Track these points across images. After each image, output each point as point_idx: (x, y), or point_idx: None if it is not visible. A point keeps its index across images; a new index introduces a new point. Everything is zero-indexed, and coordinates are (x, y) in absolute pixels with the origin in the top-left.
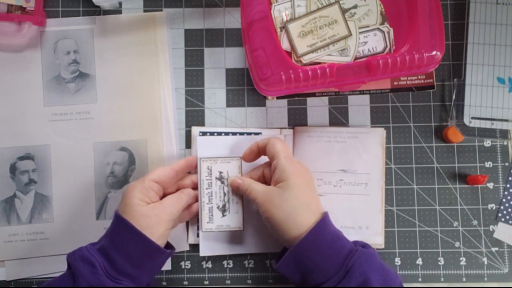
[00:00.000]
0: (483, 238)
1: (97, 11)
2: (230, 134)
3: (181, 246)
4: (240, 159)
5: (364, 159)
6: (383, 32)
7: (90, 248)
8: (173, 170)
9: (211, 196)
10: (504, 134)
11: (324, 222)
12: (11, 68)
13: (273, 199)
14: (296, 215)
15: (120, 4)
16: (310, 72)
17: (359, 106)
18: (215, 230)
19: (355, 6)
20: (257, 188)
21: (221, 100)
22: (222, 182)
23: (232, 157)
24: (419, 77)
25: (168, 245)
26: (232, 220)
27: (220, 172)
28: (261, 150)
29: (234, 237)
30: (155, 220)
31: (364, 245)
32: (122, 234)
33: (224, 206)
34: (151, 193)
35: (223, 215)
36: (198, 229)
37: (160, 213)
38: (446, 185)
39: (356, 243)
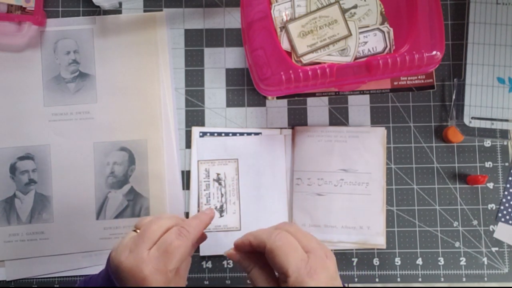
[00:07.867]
0: (483, 238)
1: (97, 11)
2: (230, 134)
3: None
4: (237, 161)
5: (365, 158)
6: (383, 32)
7: None
8: (193, 245)
9: (209, 197)
10: (504, 134)
11: None
12: (11, 68)
13: None
14: None
15: (120, 4)
16: (310, 72)
17: (359, 106)
18: (213, 230)
19: (355, 6)
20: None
21: (221, 100)
22: (220, 184)
23: (229, 159)
24: (419, 77)
25: None
26: (230, 220)
27: (218, 174)
28: (256, 249)
29: (234, 237)
30: None
31: None
32: None
33: (221, 207)
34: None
35: (221, 216)
36: None
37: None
38: (446, 185)
39: None
